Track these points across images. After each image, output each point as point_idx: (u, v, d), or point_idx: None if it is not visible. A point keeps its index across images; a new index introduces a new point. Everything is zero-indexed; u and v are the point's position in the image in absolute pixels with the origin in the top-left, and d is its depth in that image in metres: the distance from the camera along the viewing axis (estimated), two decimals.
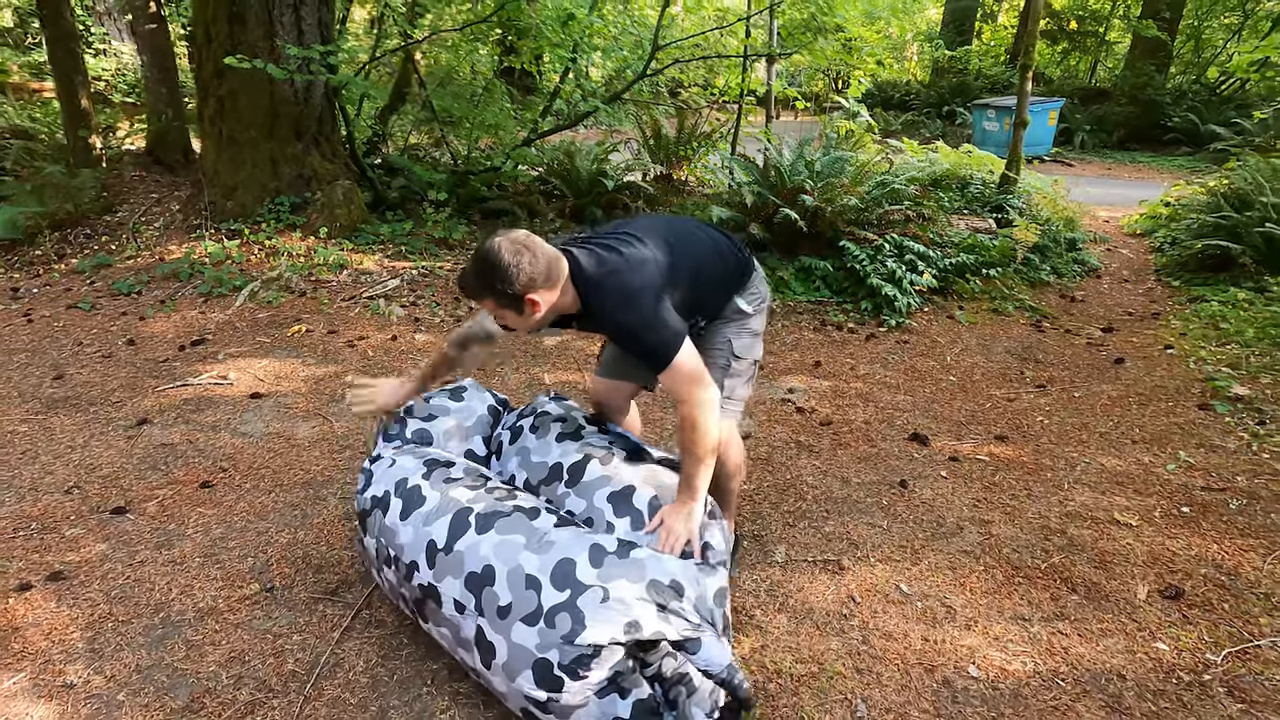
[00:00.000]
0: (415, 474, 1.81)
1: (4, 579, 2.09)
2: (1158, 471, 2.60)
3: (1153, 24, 11.99)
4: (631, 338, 1.61)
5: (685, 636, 1.47)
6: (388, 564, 1.75)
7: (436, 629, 1.66)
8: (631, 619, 1.42)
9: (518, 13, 5.04)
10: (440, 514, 1.67)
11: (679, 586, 1.49)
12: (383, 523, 1.77)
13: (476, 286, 1.57)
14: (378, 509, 1.80)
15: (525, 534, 1.57)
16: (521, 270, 1.51)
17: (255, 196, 5.00)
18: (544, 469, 1.86)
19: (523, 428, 2.01)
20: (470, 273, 1.57)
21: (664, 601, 1.46)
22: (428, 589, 1.62)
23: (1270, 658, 1.78)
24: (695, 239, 1.79)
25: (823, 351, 3.73)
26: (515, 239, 1.55)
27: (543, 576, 1.48)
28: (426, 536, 1.66)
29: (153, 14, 5.79)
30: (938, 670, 1.76)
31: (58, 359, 3.57)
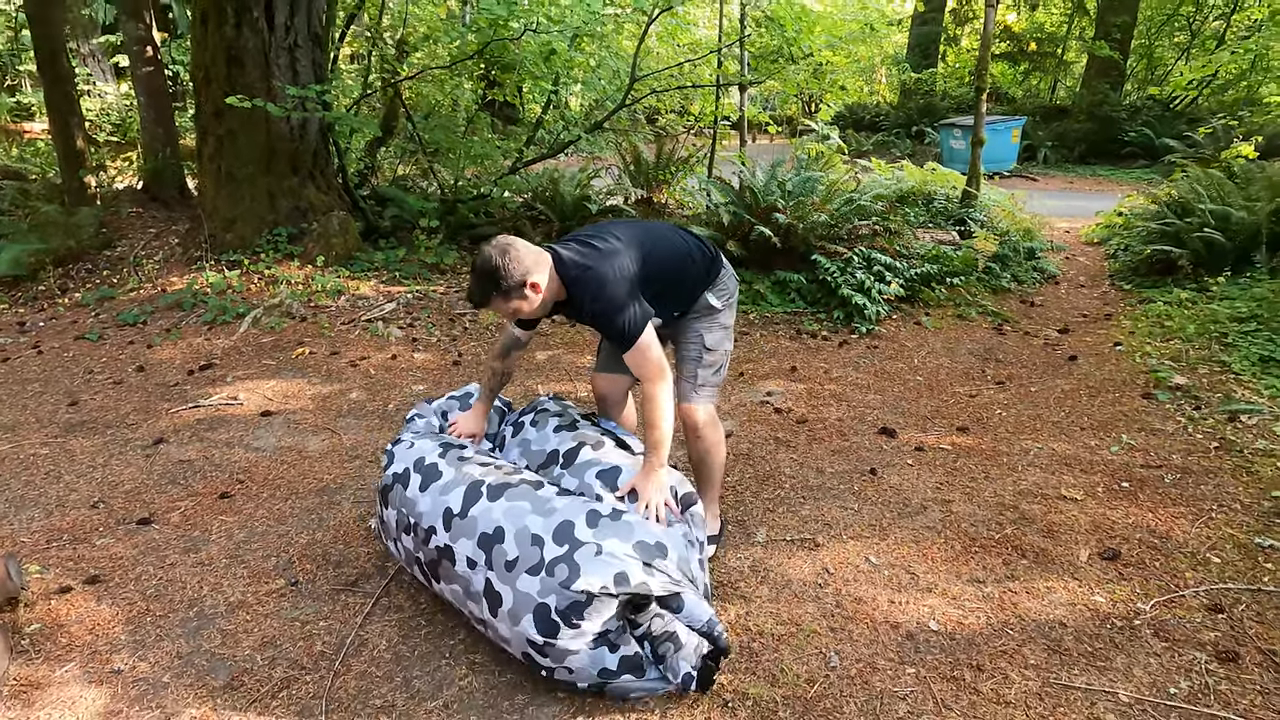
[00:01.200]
0: (432, 453, 2.03)
1: (44, 583, 2.25)
2: (1102, 453, 2.86)
3: (1105, 45, 12.61)
4: (604, 320, 1.86)
5: (668, 591, 1.66)
6: (406, 531, 1.95)
7: (449, 586, 1.86)
8: (620, 571, 1.62)
9: (502, 49, 5.33)
10: (456, 485, 1.89)
11: (663, 547, 1.70)
12: (403, 495, 1.98)
13: (484, 292, 1.81)
14: (398, 484, 2.01)
15: (531, 501, 1.78)
16: (513, 264, 1.78)
17: (254, 228, 5.21)
18: (542, 455, 2.08)
19: (524, 423, 2.23)
20: (475, 285, 1.83)
21: (649, 559, 1.66)
22: (444, 550, 1.83)
23: (1193, 605, 2.01)
24: (666, 239, 2.05)
25: (798, 358, 3.98)
26: (498, 244, 1.81)
27: (545, 535, 1.69)
28: (444, 504, 1.87)
29: (149, 58, 6.03)
30: (902, 626, 1.97)
31: (70, 387, 3.74)
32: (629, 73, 5.67)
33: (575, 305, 1.92)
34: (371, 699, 1.80)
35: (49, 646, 2.00)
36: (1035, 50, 16.13)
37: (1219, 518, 2.39)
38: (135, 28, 6.02)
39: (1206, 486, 2.58)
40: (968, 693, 1.75)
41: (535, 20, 4.88)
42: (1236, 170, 5.66)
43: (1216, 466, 2.70)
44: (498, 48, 5.29)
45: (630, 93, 5.80)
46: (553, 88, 6.30)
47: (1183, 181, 5.60)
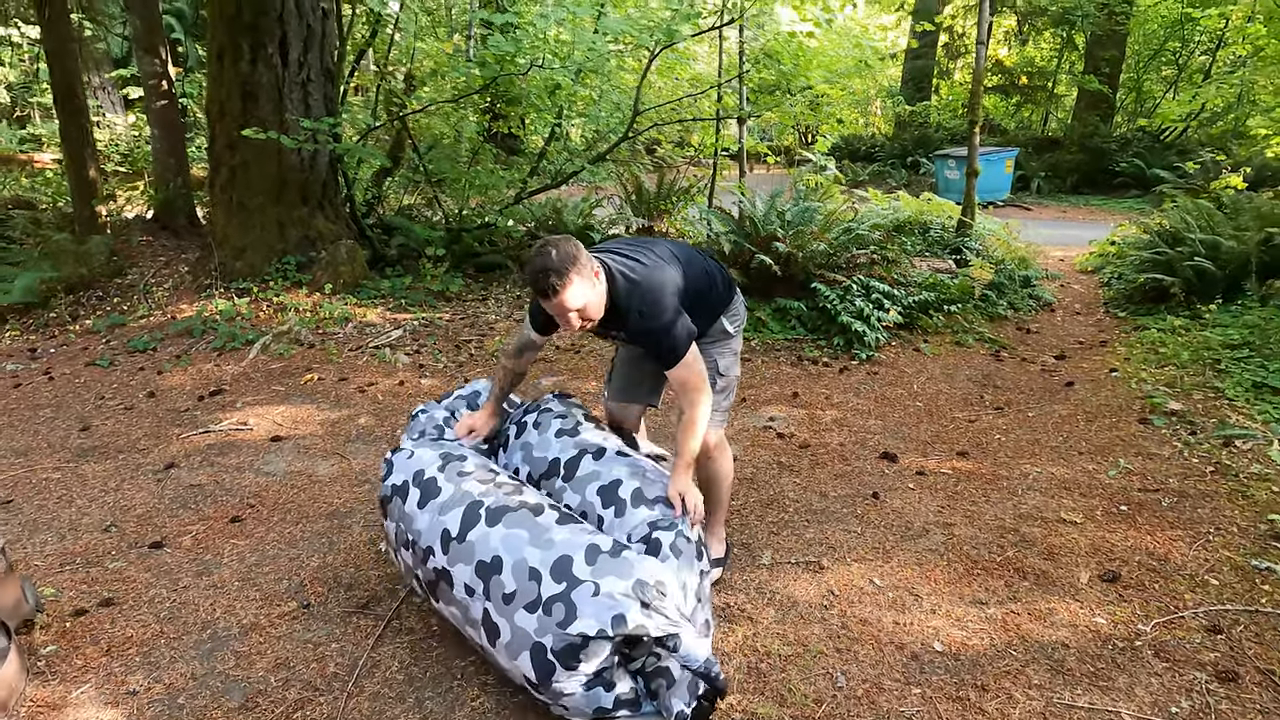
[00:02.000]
0: (432, 466, 2.03)
1: (59, 606, 2.28)
2: (1100, 477, 2.90)
3: (1094, 79, 12.93)
4: (652, 335, 1.87)
5: (666, 632, 1.65)
6: (406, 546, 1.97)
7: (447, 608, 1.87)
8: (618, 613, 1.60)
9: (509, 84, 5.48)
10: (454, 505, 1.88)
11: (662, 586, 1.68)
12: (402, 509, 1.99)
13: (564, 268, 1.74)
14: (397, 496, 2.02)
15: (529, 529, 1.77)
16: (580, 250, 1.78)
17: (263, 257, 5.30)
18: (544, 464, 2.10)
19: (526, 423, 2.25)
20: (556, 262, 1.74)
21: (647, 600, 1.64)
22: (441, 572, 1.83)
23: (1193, 626, 2.05)
24: (696, 259, 2.09)
25: (799, 384, 4.04)
26: (553, 238, 1.80)
27: (543, 569, 1.69)
28: (441, 525, 1.87)
29: (164, 91, 6.19)
30: (907, 647, 2.00)
31: (82, 412, 3.78)
32: (631, 106, 5.82)
33: (620, 317, 1.89)
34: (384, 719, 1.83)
35: (65, 668, 2.02)
36: (1026, 84, 16.52)
37: (1216, 540, 2.44)
38: (151, 63, 6.19)
39: (1203, 510, 2.62)
40: (973, 713, 1.78)
41: (542, 56, 5.03)
42: (1225, 201, 5.80)
43: (1213, 490, 2.74)
44: (504, 82, 5.44)
45: (632, 126, 5.95)
46: (556, 120, 6.46)
47: (1173, 212, 5.73)
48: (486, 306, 5.38)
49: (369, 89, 7.28)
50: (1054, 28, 15.15)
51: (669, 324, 1.85)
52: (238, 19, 4.97)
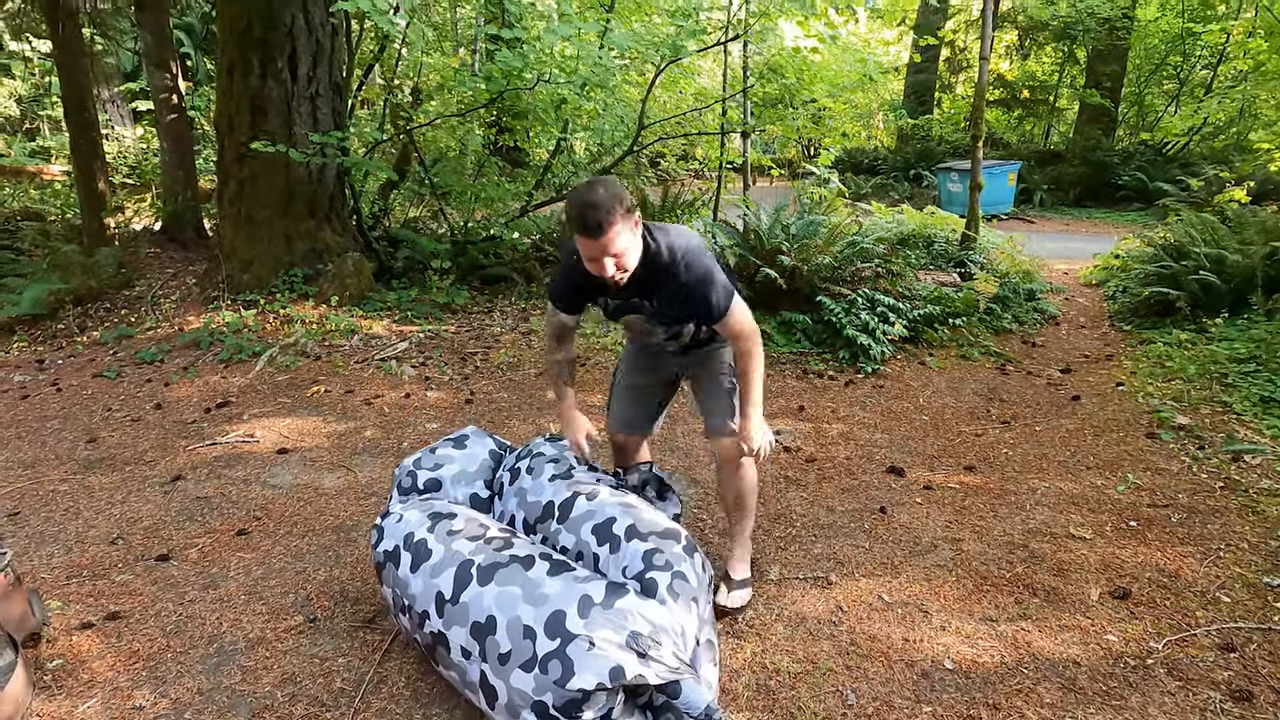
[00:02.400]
0: (421, 528, 2.01)
1: (65, 619, 2.28)
2: (1109, 492, 2.89)
3: (1096, 93, 13.00)
4: (700, 287, 1.84)
5: (665, 680, 1.63)
6: (403, 612, 1.95)
7: (447, 672, 1.85)
8: (615, 665, 1.59)
9: (515, 98, 5.53)
10: (446, 566, 1.87)
11: (658, 634, 1.66)
12: (396, 575, 1.97)
13: (611, 209, 1.67)
14: (390, 562, 2.01)
15: (521, 585, 1.76)
16: (625, 192, 1.72)
17: (270, 269, 5.33)
18: (539, 508, 2.11)
19: (520, 469, 2.26)
20: (602, 204, 1.67)
21: (643, 649, 1.63)
22: (438, 636, 1.82)
23: (1205, 643, 2.03)
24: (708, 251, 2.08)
25: (805, 397, 4.04)
26: (598, 178, 1.77)
27: (537, 626, 1.67)
28: (435, 588, 1.86)
29: (174, 105, 6.26)
30: (917, 664, 1.99)
31: (89, 424, 3.79)
32: (636, 120, 5.87)
33: (656, 276, 1.85)
34: None
35: (71, 683, 2.02)
36: (1028, 97, 16.61)
37: (1227, 557, 2.42)
38: (161, 77, 6.25)
39: (1213, 526, 2.61)
40: None
41: (549, 71, 5.07)
42: (1229, 215, 5.81)
43: (1222, 506, 2.73)
44: (510, 96, 5.49)
45: (637, 140, 5.99)
46: (561, 134, 6.51)
47: (1177, 225, 5.74)
48: (492, 319, 5.40)
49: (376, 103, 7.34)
50: (1055, 42, 15.26)
51: (712, 270, 1.84)
52: (248, 34, 5.03)
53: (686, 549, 1.89)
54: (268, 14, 4.98)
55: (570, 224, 1.74)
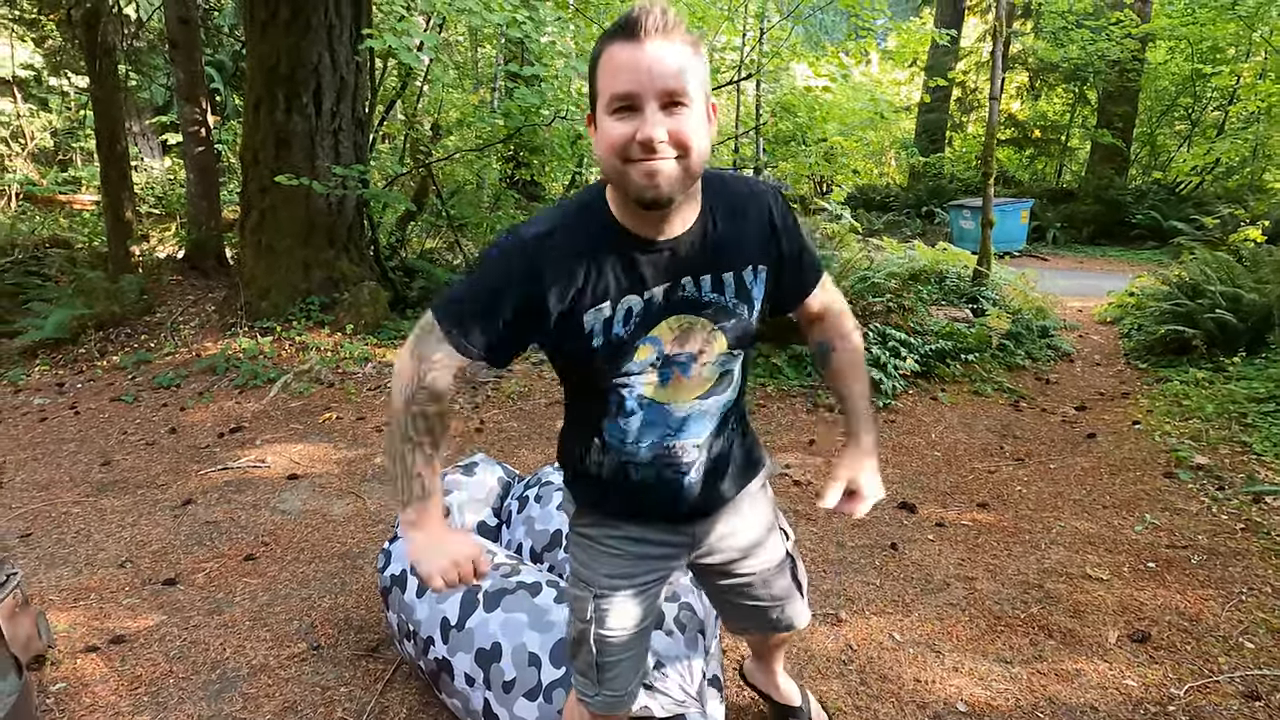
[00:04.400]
0: None
1: (71, 642, 2.28)
2: (1126, 532, 2.83)
3: (1107, 133, 13.09)
4: (797, 229, 1.18)
5: (671, 713, 1.60)
6: (408, 637, 1.95)
7: (450, 700, 1.84)
8: None
9: (532, 134, 5.66)
10: (452, 591, 1.88)
11: (663, 666, 1.63)
12: (401, 599, 1.97)
13: (679, 22, 0.96)
14: (396, 586, 2.01)
15: (528, 611, 1.74)
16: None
17: (288, 297, 5.42)
18: (546, 536, 2.10)
19: (528, 497, 2.25)
20: (671, 18, 0.95)
21: (650, 682, 1.59)
22: (442, 662, 1.81)
23: (1228, 691, 1.97)
24: None
25: (816, 431, 4.01)
26: None
27: (543, 654, 1.66)
28: (440, 614, 1.85)
29: (202, 139, 6.45)
30: (929, 706, 1.94)
31: (105, 446, 3.84)
32: None
33: (719, 214, 1.09)
34: None
35: (73, 706, 2.01)
36: (1039, 136, 16.75)
37: (1249, 601, 2.36)
38: (191, 111, 6.46)
39: (1234, 569, 2.54)
40: None
41: (566, 108, 5.20)
42: (1245, 253, 5.78)
43: (1244, 548, 2.66)
44: (527, 132, 5.61)
45: None
46: (577, 169, 6.63)
47: (1192, 264, 5.71)
48: None
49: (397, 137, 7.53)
50: (1066, 83, 15.44)
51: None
52: (275, 71, 5.20)
53: (694, 582, 1.86)
54: (295, 52, 5.16)
55: (603, 39, 0.98)
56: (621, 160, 0.96)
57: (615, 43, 0.96)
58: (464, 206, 7.47)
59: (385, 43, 4.35)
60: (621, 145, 0.95)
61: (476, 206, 7.65)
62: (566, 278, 1.04)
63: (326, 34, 5.21)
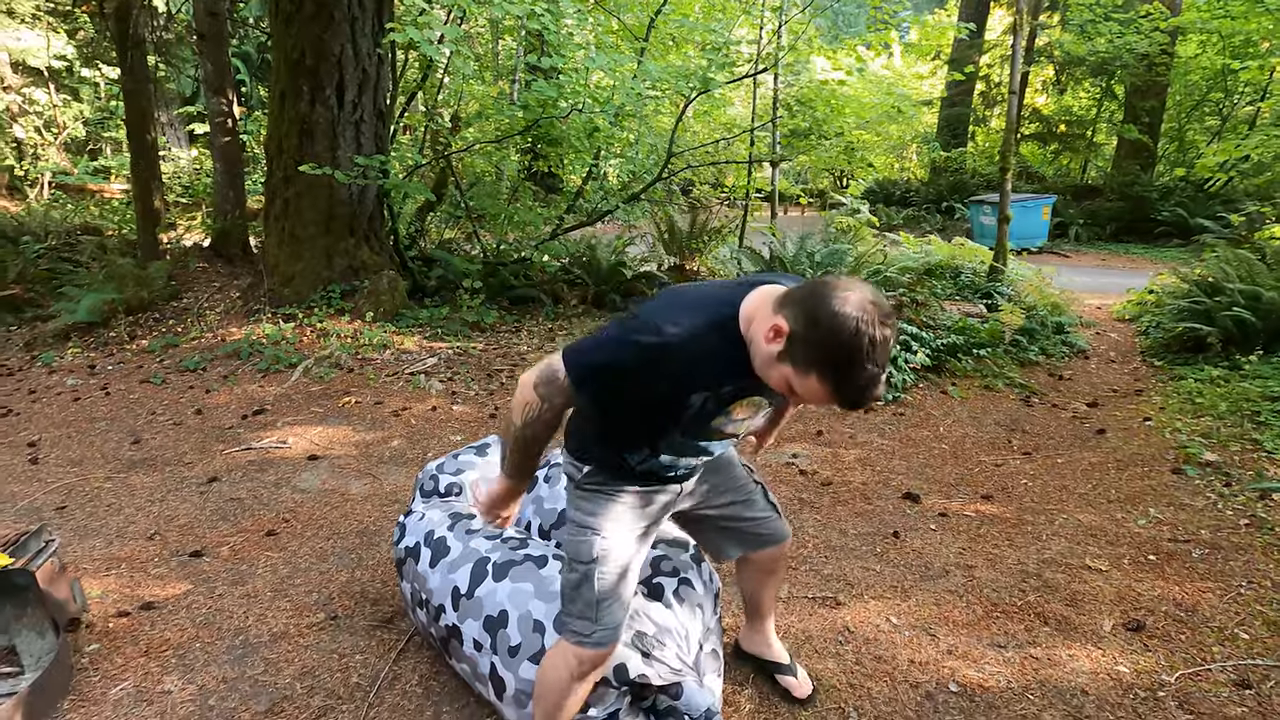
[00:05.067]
0: (441, 526, 2.11)
1: (104, 607, 2.40)
2: (1129, 526, 2.86)
3: (1134, 128, 12.88)
4: None
5: (668, 681, 1.67)
6: (420, 606, 2.04)
7: (459, 665, 1.92)
8: (619, 663, 1.64)
9: (550, 126, 5.72)
10: (464, 562, 1.95)
11: (662, 635, 1.70)
12: (415, 570, 2.06)
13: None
14: (410, 558, 2.10)
15: (534, 582, 1.82)
16: None
17: (310, 284, 5.55)
18: (554, 514, 2.17)
19: (538, 478, 2.33)
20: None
21: (647, 649, 1.67)
22: (452, 629, 1.89)
23: (1220, 679, 2.00)
24: None
25: (824, 422, 4.06)
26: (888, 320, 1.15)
27: (547, 622, 1.73)
28: (452, 582, 1.94)
29: (229, 129, 6.60)
30: (921, 686, 1.99)
31: (134, 426, 3.98)
32: (666, 149, 6.02)
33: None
34: None
35: (106, 666, 2.12)
36: (1064, 132, 16.51)
37: (1248, 594, 2.38)
38: (219, 103, 6.61)
39: (1236, 563, 2.56)
40: None
41: (581, 101, 5.25)
42: (1268, 252, 5.70)
43: (1247, 543, 2.68)
44: (545, 124, 5.68)
45: (667, 167, 6.14)
46: (593, 161, 6.70)
47: (1213, 261, 5.65)
48: (519, 338, 5.53)
49: (417, 128, 7.64)
50: (1093, 78, 15.18)
51: None
52: (300, 63, 5.31)
53: (694, 558, 1.93)
54: (319, 45, 5.26)
55: (830, 373, 1.13)
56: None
57: (837, 394, 1.15)
58: (482, 198, 7.57)
59: (407, 36, 4.44)
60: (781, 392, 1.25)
61: (495, 198, 7.75)
62: (689, 380, 1.30)
63: (349, 27, 5.32)
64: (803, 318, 1.13)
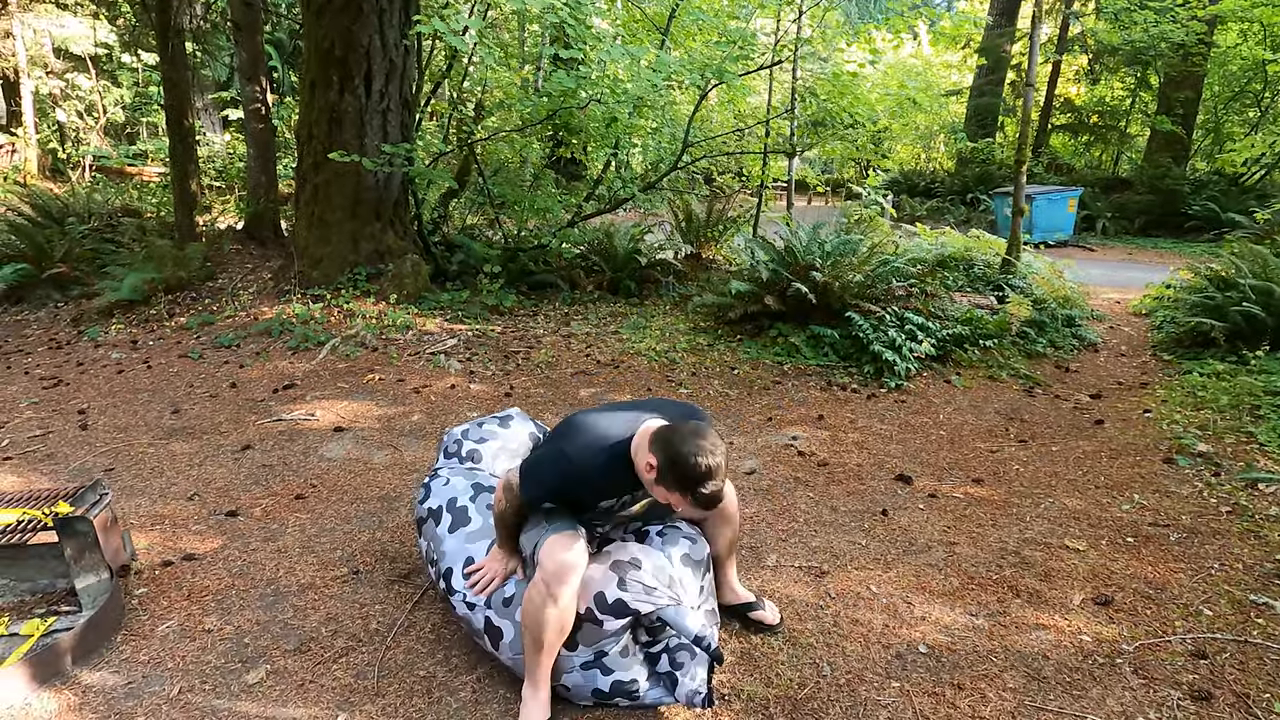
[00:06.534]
0: (464, 495, 2.28)
1: (150, 558, 2.64)
2: (1112, 510, 2.96)
3: (1167, 119, 12.64)
4: None
5: (649, 606, 1.80)
6: (430, 564, 2.23)
7: (459, 619, 2.12)
8: (597, 591, 1.81)
9: (569, 115, 5.87)
10: (482, 537, 2.14)
11: (637, 562, 1.85)
12: (434, 531, 2.25)
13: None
14: (431, 519, 2.28)
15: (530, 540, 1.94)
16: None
17: (337, 267, 5.79)
18: None
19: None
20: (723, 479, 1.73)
21: (622, 575, 1.81)
22: (452, 590, 2.10)
23: (1177, 649, 2.12)
24: None
25: (826, 407, 4.19)
26: (712, 439, 1.72)
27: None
28: (467, 551, 2.13)
29: (262, 115, 6.85)
30: (893, 647, 2.15)
31: (174, 397, 4.25)
32: (682, 140, 6.13)
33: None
34: (416, 669, 2.08)
35: (153, 608, 2.36)
36: (1097, 123, 16.20)
37: (1218, 575, 2.48)
38: (252, 90, 6.86)
39: (1211, 546, 2.66)
40: (945, 707, 1.91)
41: (600, 92, 5.39)
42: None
43: (1225, 529, 2.77)
44: (565, 114, 5.83)
45: (683, 157, 6.25)
46: (613, 150, 6.83)
47: (1227, 256, 5.64)
48: (536, 321, 5.72)
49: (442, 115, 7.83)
50: (1127, 67, 14.87)
51: None
52: (330, 53, 5.52)
53: (691, 528, 2.10)
54: (348, 35, 5.46)
55: (686, 487, 1.69)
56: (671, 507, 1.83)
57: (691, 499, 1.72)
58: (505, 185, 7.75)
59: (433, 27, 4.61)
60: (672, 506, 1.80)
61: (517, 185, 7.93)
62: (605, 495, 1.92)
63: (377, 18, 5.50)
64: (664, 457, 1.70)
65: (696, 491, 1.68)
